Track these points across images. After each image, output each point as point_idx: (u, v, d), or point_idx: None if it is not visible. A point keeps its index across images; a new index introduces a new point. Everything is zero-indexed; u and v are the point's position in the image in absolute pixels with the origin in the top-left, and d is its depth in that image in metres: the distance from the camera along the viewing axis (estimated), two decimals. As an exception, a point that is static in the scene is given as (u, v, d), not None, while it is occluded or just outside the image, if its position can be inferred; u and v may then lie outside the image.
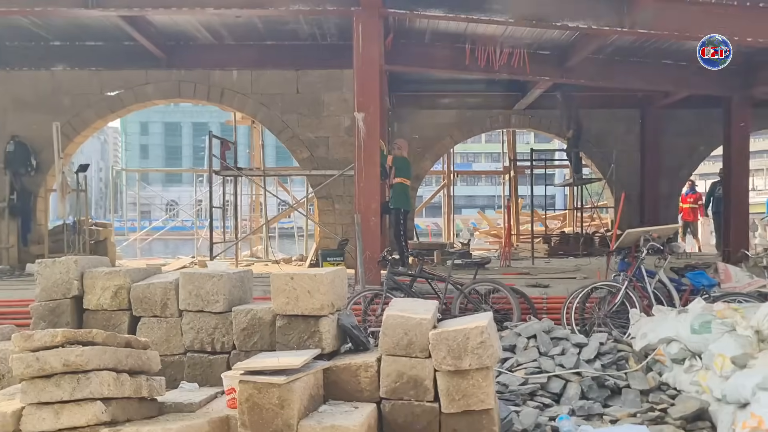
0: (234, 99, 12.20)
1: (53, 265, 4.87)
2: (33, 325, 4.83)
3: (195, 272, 4.71)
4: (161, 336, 4.77)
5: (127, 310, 4.86)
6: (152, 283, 4.78)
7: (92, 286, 4.85)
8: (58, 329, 3.50)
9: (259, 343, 4.56)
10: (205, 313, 4.66)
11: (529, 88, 14.37)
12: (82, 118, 12.07)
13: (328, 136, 12.25)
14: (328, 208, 12.14)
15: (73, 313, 4.86)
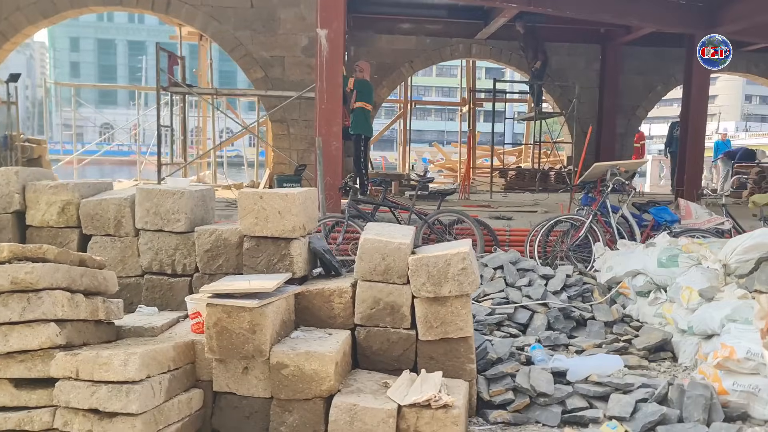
0: (182, 10, 11.46)
1: None
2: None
3: (153, 188, 4.33)
4: (115, 256, 4.41)
5: (76, 228, 4.47)
6: (104, 199, 4.39)
7: (36, 201, 4.43)
8: (3, 243, 3.12)
9: (225, 265, 4.26)
10: (165, 233, 4.32)
11: (493, 16, 13.99)
12: (11, 22, 11.16)
13: (284, 56, 11.70)
14: (283, 133, 11.70)
15: (14, 228, 4.45)
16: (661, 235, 6.42)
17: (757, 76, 16.39)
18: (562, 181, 15.39)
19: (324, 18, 8.24)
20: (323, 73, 8.30)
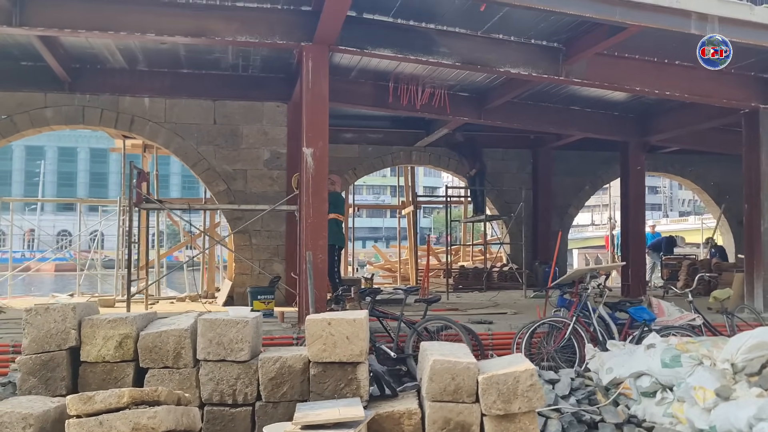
0: (145, 128, 11.56)
1: (46, 313, 4.36)
2: (21, 381, 4.28)
3: (217, 318, 4.40)
4: (173, 389, 4.38)
5: (132, 362, 4.44)
6: (164, 331, 4.41)
7: (92, 336, 4.40)
8: (123, 389, 3.13)
9: (289, 393, 4.33)
10: (228, 363, 4.36)
11: (435, 126, 14.80)
12: (-32, 142, 10.95)
13: (246, 169, 11.91)
14: (245, 243, 11.75)
15: (68, 366, 4.37)
16: (652, 335, 6.86)
17: (673, 175, 17.94)
18: (505, 279, 16.03)
19: (309, 138, 8.59)
20: (309, 188, 8.56)
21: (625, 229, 13.17)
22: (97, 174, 60.86)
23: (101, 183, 59.43)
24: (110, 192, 54.30)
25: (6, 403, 3.89)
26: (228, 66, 11.39)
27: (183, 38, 8.51)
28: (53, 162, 60.83)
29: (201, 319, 4.40)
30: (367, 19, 8.67)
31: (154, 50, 10.56)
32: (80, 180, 61.02)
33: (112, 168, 60.75)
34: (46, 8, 8.05)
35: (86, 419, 3.04)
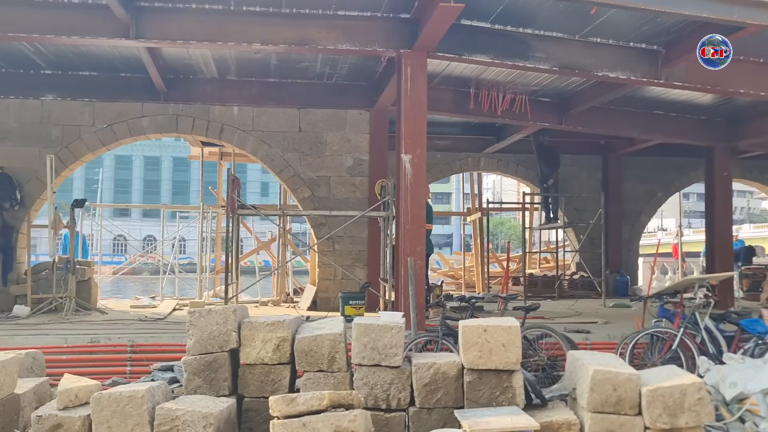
0: (234, 136, 11.84)
1: (209, 315, 4.53)
2: (187, 381, 4.45)
3: (371, 323, 4.51)
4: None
5: (288, 364, 4.58)
6: (320, 335, 4.53)
7: (251, 338, 4.55)
8: (323, 392, 3.25)
9: (443, 399, 4.41)
10: (382, 368, 4.46)
11: (507, 133, 14.76)
12: (72, 150, 11.35)
13: (330, 176, 12.09)
14: (328, 249, 11.91)
15: (230, 367, 4.52)
16: (772, 347, 6.72)
17: (751, 181, 17.55)
18: (576, 288, 15.89)
19: (408, 144, 8.70)
20: (408, 195, 8.67)
21: (711, 238, 12.93)
22: (180, 182, 62.85)
23: (183, 190, 61.48)
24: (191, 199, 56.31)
25: (180, 402, 4.06)
26: (314, 74, 11.60)
27: (286, 47, 8.71)
28: (140, 170, 63.12)
29: (355, 323, 4.51)
30: (464, 26, 8.73)
31: (246, 60, 10.82)
32: (164, 187, 63.24)
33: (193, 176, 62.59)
34: (160, 21, 8.34)
35: (290, 421, 3.16)
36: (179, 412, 3.87)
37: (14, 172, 11.04)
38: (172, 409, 3.91)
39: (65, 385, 4.22)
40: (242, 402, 4.52)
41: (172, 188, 62.88)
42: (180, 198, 57.76)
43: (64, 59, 10.74)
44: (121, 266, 18.68)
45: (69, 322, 9.42)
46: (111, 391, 3.97)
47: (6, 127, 11.18)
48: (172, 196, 60.43)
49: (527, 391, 4.53)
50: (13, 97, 11.27)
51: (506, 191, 49.94)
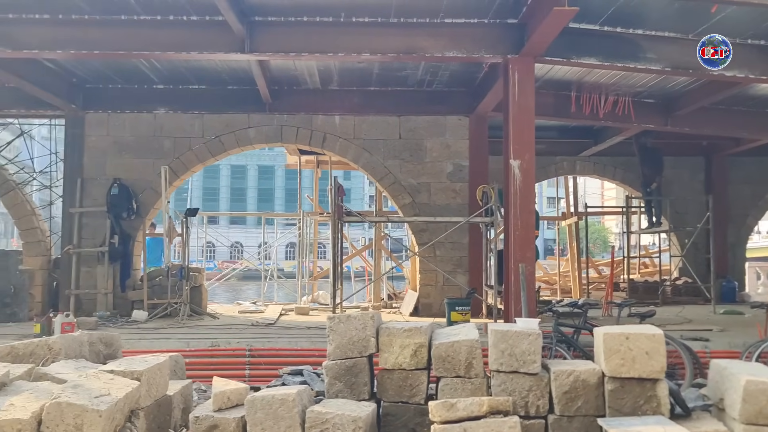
0: (336, 144, 12.07)
1: (348, 321, 4.64)
2: (328, 385, 4.58)
3: (508, 330, 4.51)
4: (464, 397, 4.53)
5: (425, 370, 4.64)
6: (456, 341, 4.57)
7: (389, 344, 4.63)
8: (482, 398, 3.29)
9: (584, 407, 4.35)
10: (520, 374, 4.45)
11: (605, 136, 14.44)
12: (183, 161, 11.84)
13: (430, 182, 12.15)
14: (429, 255, 11.95)
15: (369, 372, 4.63)
16: None
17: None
18: (679, 294, 15.36)
19: (516, 150, 8.66)
20: (516, 201, 8.63)
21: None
22: (265, 189, 65.05)
23: (268, 198, 63.57)
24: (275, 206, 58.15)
25: (327, 406, 4.17)
26: (414, 82, 11.70)
27: (394, 56, 8.84)
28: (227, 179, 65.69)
29: (492, 330, 4.52)
30: (572, 29, 8.60)
31: (349, 69, 11.03)
32: (249, 195, 65.55)
33: (277, 183, 64.67)
34: (273, 35, 8.63)
35: (450, 426, 3.21)
36: (329, 415, 3.98)
37: (130, 183, 11.61)
38: (321, 413, 4.03)
39: (218, 388, 4.42)
40: (380, 406, 4.60)
41: (257, 196, 64.72)
42: (265, 205, 59.46)
43: (176, 74, 11.24)
44: (225, 273, 19.31)
45: (186, 327, 9.81)
46: (264, 394, 4.12)
47: (122, 140, 11.78)
48: (257, 204, 62.26)
49: (676, 401, 4.42)
50: (128, 112, 11.87)
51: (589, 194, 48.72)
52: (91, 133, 11.81)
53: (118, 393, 3.86)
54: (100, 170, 11.73)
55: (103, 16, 8.51)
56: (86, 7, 8.30)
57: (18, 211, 11.85)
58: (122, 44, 8.66)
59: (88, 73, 11.25)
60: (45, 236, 11.97)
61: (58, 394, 3.70)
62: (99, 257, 11.42)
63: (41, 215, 12.18)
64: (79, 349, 4.99)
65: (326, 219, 16.76)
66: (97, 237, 11.55)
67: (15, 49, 8.65)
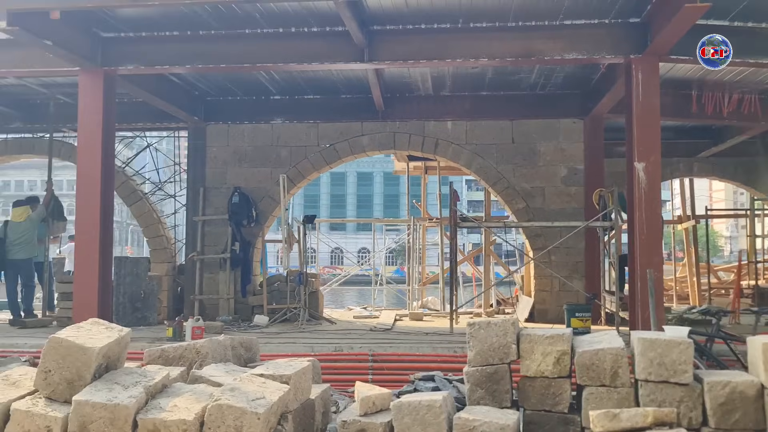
0: (448, 150, 12.06)
1: (488, 327, 4.61)
2: (470, 392, 4.56)
3: (657, 338, 4.35)
4: (610, 407, 4.39)
5: (567, 378, 4.53)
6: (601, 349, 4.44)
7: (530, 351, 4.56)
8: (647, 409, 3.18)
9: (742, 420, 4.13)
10: (670, 384, 4.27)
11: (727, 134, 13.73)
12: (299, 169, 12.15)
13: (544, 186, 11.92)
14: (544, 260, 11.70)
15: (510, 379, 4.58)
16: None
17: None
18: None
19: (641, 152, 8.38)
20: (642, 204, 8.34)
21: None
22: (390, 196, 66.67)
23: (393, 204, 65.09)
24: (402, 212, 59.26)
25: (473, 413, 4.16)
26: (527, 86, 11.54)
27: (512, 60, 8.76)
28: (353, 186, 67.57)
29: (639, 338, 4.37)
30: (700, 26, 8.20)
31: (462, 75, 11.01)
32: (375, 202, 67.22)
33: (401, 190, 65.85)
34: (392, 43, 8.72)
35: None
36: (476, 422, 3.96)
37: (249, 191, 12.01)
38: (469, 419, 4.01)
39: (363, 393, 4.48)
40: (523, 414, 4.54)
41: (383, 202, 66.15)
42: (391, 212, 60.65)
43: (293, 85, 11.57)
44: (337, 278, 19.70)
45: (307, 332, 10.04)
46: (410, 400, 4.15)
47: (242, 150, 12.22)
48: (384, 210, 63.56)
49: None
50: (247, 123, 12.30)
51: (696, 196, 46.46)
52: (212, 144, 12.33)
53: (272, 396, 3.99)
54: (221, 180, 12.22)
55: (228, 31, 8.87)
56: (213, 22, 8.66)
57: (145, 220, 12.51)
58: (246, 57, 9.00)
59: (210, 86, 11.74)
60: (170, 244, 12.58)
61: (218, 396, 3.85)
62: (221, 263, 11.88)
63: (166, 224, 12.81)
64: (224, 352, 5.20)
65: (434, 224, 16.83)
66: (219, 244, 12.03)
67: (148, 66, 9.14)
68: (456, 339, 9.09)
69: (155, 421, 3.71)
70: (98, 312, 8.37)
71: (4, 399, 3.75)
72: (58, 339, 3.87)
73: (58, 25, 7.94)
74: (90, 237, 8.67)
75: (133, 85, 10.04)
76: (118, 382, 3.92)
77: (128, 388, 3.85)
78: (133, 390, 3.84)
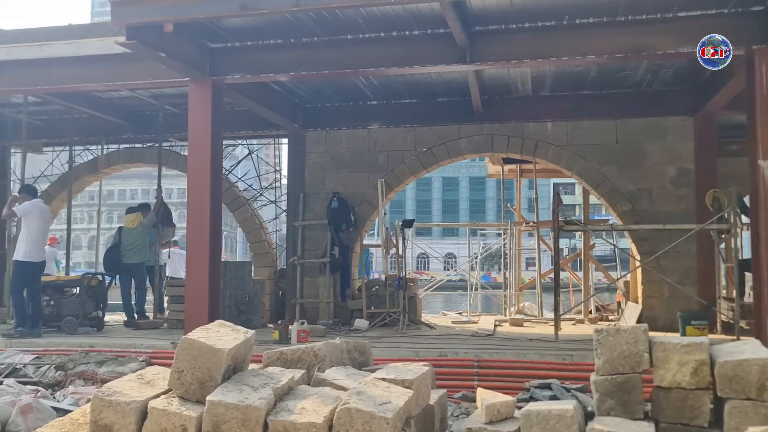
0: (549, 151, 11.76)
1: (617, 334, 4.39)
2: (599, 402, 4.35)
3: (810, 349, 4.03)
4: (756, 423, 4.09)
5: (706, 390, 4.26)
6: (745, 360, 4.14)
7: (665, 360, 4.31)
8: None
9: None
10: (825, 399, 3.95)
11: None
12: (396, 173, 12.15)
13: (651, 188, 11.43)
14: (652, 265, 11.20)
15: (642, 389, 4.34)
16: None
17: None
18: None
19: (765, 149, 7.87)
20: (766, 205, 7.84)
21: None
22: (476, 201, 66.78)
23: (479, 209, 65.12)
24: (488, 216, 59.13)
25: (607, 424, 3.97)
26: (632, 83, 11.11)
27: (621, 56, 8.42)
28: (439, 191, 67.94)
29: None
30: (831, 11, 7.69)
31: (563, 74, 10.72)
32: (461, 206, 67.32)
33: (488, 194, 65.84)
34: (494, 43, 8.55)
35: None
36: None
37: (347, 196, 12.09)
38: (603, 431, 3.83)
39: (488, 400, 4.36)
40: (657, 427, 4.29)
41: (469, 207, 66.12)
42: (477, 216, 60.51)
43: (390, 89, 11.57)
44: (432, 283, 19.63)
45: (408, 336, 9.98)
46: (539, 409, 3.99)
47: (339, 156, 12.33)
48: (469, 215, 63.54)
49: None
50: (344, 128, 12.41)
51: None
52: (311, 150, 12.50)
53: (398, 401, 3.92)
54: (319, 185, 12.37)
55: (331, 37, 8.93)
56: (316, 29, 8.75)
57: (248, 226, 12.82)
58: (348, 62, 9.05)
59: (309, 93, 11.91)
60: (271, 248, 12.83)
61: (345, 400, 3.82)
62: (320, 268, 12.00)
63: (267, 229, 13.07)
64: (340, 356, 5.18)
65: (530, 228, 16.48)
66: (318, 248, 12.16)
67: (253, 74, 9.34)
68: (562, 346, 8.82)
69: (285, 423, 3.71)
70: (208, 315, 8.58)
71: (142, 397, 3.84)
72: (190, 340, 3.94)
73: (171, 37, 8.20)
74: (201, 242, 8.91)
75: (237, 94, 10.29)
76: (247, 383, 3.95)
77: (257, 390, 3.87)
78: (262, 392, 3.86)
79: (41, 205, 10.08)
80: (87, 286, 10.44)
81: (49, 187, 13.84)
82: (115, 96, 11.99)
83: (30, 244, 9.64)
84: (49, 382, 7.91)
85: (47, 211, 10.32)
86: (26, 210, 9.75)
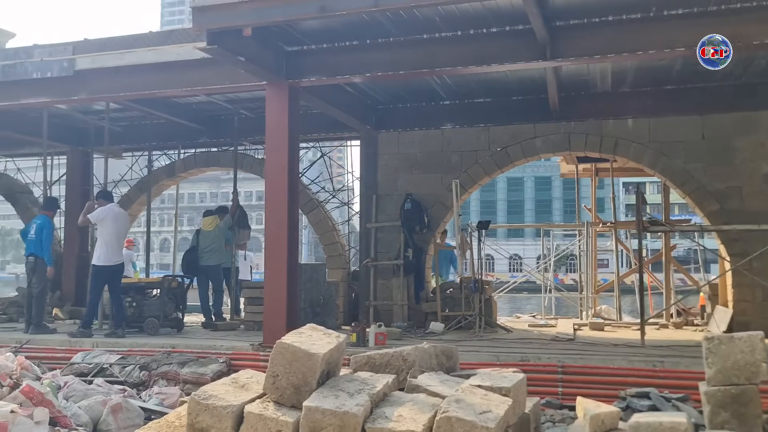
0: (629, 149, 11.33)
1: (731, 343, 4.12)
2: (711, 414, 4.09)
3: None
4: None
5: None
6: None
7: (782, 371, 4.03)
8: None
9: None
10: None
11: None
12: (470, 174, 11.94)
13: (741, 186, 10.86)
14: (744, 268, 10.65)
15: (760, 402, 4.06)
16: None
17: None
18: None
19: None
20: None
21: None
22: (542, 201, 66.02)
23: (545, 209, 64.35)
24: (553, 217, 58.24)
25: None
26: (720, 76, 10.55)
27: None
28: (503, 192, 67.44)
29: None
30: None
31: (645, 69, 10.32)
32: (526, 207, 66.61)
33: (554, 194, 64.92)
34: (575, 39, 8.28)
35: None
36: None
37: (420, 197, 11.95)
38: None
39: (591, 410, 4.16)
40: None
41: (535, 207, 65.28)
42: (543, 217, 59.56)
43: (464, 89, 11.38)
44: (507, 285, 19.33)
45: (486, 340, 9.78)
46: (650, 420, 3.77)
47: (412, 157, 12.21)
48: (535, 215, 62.68)
49: None
50: (417, 129, 12.28)
51: None
52: (383, 151, 12.42)
53: (498, 410, 3.76)
54: (392, 186, 12.27)
55: (407, 37, 8.81)
56: (392, 29, 8.64)
57: (321, 228, 12.84)
58: (424, 62, 8.92)
59: (381, 94, 11.83)
60: (344, 250, 12.81)
61: (445, 408, 3.69)
62: (394, 270, 11.90)
63: (341, 231, 13.07)
64: (429, 360, 5.05)
65: (607, 229, 16.01)
66: (391, 250, 12.06)
67: (329, 77, 9.31)
68: (650, 352, 8.47)
69: (383, 431, 3.60)
70: (287, 317, 8.60)
71: (238, 401, 3.80)
72: (284, 344, 3.88)
73: (249, 41, 8.26)
74: (279, 245, 8.93)
75: (312, 96, 10.28)
76: (342, 389, 3.86)
77: (353, 396, 3.78)
78: (358, 398, 3.76)
79: (115, 210, 10.31)
80: (167, 288, 10.64)
81: (128, 191, 14.22)
82: (191, 101, 12.19)
83: (104, 248, 9.87)
84: (134, 381, 8.07)
85: (123, 214, 10.54)
86: (100, 216, 9.98)
